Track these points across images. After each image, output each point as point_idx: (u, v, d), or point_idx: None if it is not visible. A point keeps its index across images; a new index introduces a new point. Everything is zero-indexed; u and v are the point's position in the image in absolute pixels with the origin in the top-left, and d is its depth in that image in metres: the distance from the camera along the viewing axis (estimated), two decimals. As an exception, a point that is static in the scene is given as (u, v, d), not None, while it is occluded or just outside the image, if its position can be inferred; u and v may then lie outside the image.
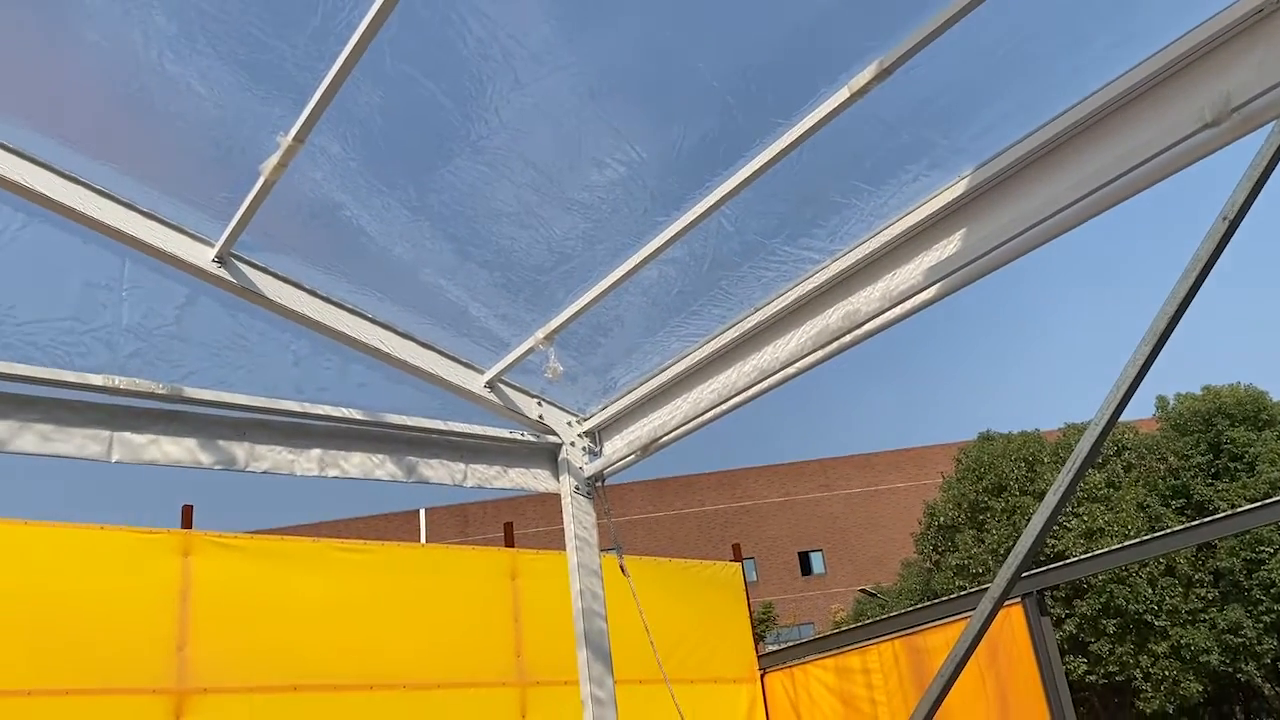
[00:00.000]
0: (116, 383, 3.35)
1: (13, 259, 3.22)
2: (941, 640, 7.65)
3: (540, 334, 3.77)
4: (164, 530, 6.33)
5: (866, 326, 3.31)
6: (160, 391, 3.43)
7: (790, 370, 3.53)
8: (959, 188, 3.03)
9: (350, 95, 2.81)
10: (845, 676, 8.33)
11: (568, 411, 4.34)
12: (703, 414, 3.80)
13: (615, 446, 4.22)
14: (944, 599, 8.15)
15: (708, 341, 3.81)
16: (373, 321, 3.77)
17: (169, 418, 3.54)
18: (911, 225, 3.17)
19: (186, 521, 6.60)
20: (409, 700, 6.67)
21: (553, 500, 4.32)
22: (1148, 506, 26.38)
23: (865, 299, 3.33)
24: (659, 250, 3.36)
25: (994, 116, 2.97)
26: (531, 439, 4.24)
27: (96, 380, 3.34)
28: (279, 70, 2.86)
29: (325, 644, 6.52)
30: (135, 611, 5.98)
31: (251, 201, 3.13)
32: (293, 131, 2.87)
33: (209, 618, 6.18)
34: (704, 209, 3.18)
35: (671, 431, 3.91)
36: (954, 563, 28.90)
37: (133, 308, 3.46)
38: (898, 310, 3.23)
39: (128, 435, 3.43)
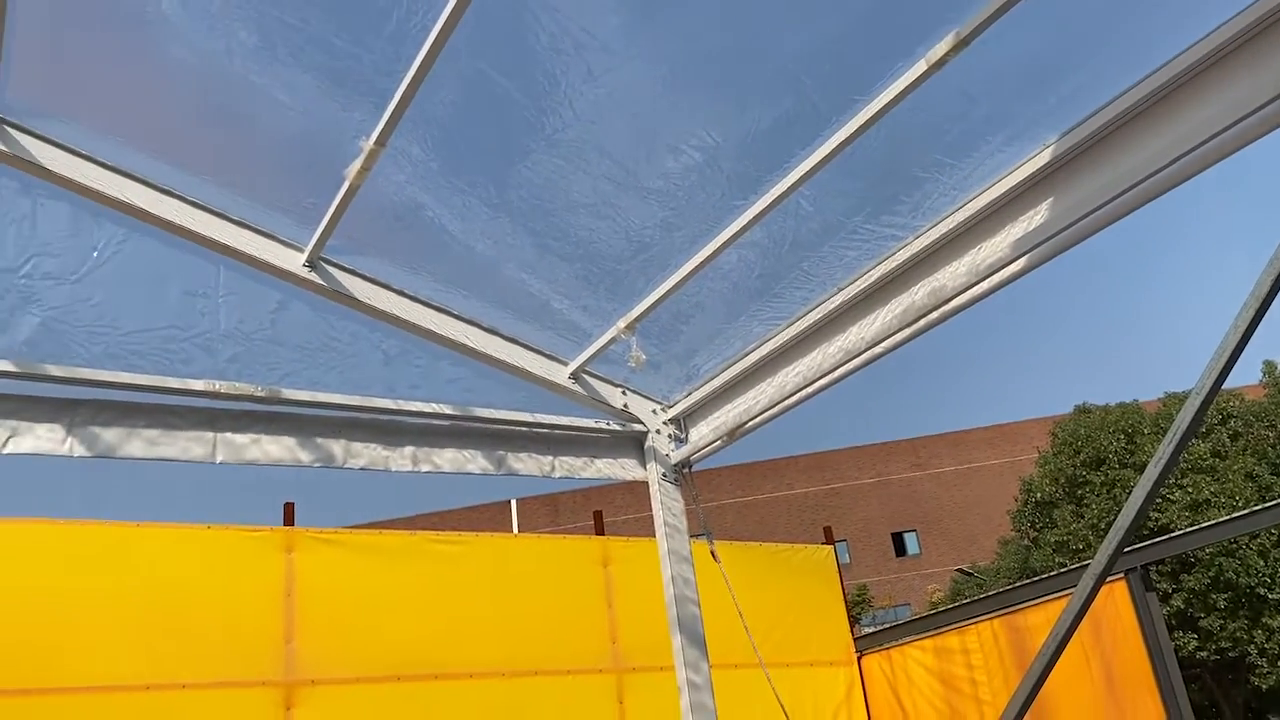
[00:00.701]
0: (217, 387, 3.47)
1: (115, 272, 3.35)
2: (1042, 618, 7.48)
3: (622, 324, 3.79)
4: (268, 528, 6.55)
5: (954, 302, 3.25)
6: (259, 394, 3.54)
7: (876, 350, 3.49)
8: (1044, 156, 2.96)
9: (428, 97, 2.86)
10: (944, 657, 8.21)
11: (652, 399, 4.35)
12: (788, 397, 3.78)
13: (701, 432, 4.23)
14: (1044, 576, 7.97)
15: (791, 324, 3.78)
16: (458, 318, 3.83)
17: (268, 419, 3.65)
18: (996, 197, 3.10)
19: (288, 519, 6.81)
20: (508, 687, 6.79)
21: (641, 487, 4.34)
22: (1257, 476, 25.37)
23: (951, 274, 3.26)
24: (738, 234, 3.34)
25: (1077, 82, 2.89)
26: (617, 428, 4.27)
27: (198, 385, 3.47)
28: (358, 76, 2.93)
29: (425, 634, 6.67)
30: (244, 607, 6.19)
31: (338, 206, 3.21)
32: (374, 135, 2.93)
33: (313, 611, 6.37)
34: (782, 190, 3.16)
35: (757, 416, 3.90)
36: (1053, 539, 28.22)
37: (229, 314, 3.58)
38: (985, 284, 3.17)
39: (230, 436, 3.56)
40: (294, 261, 3.47)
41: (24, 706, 5.41)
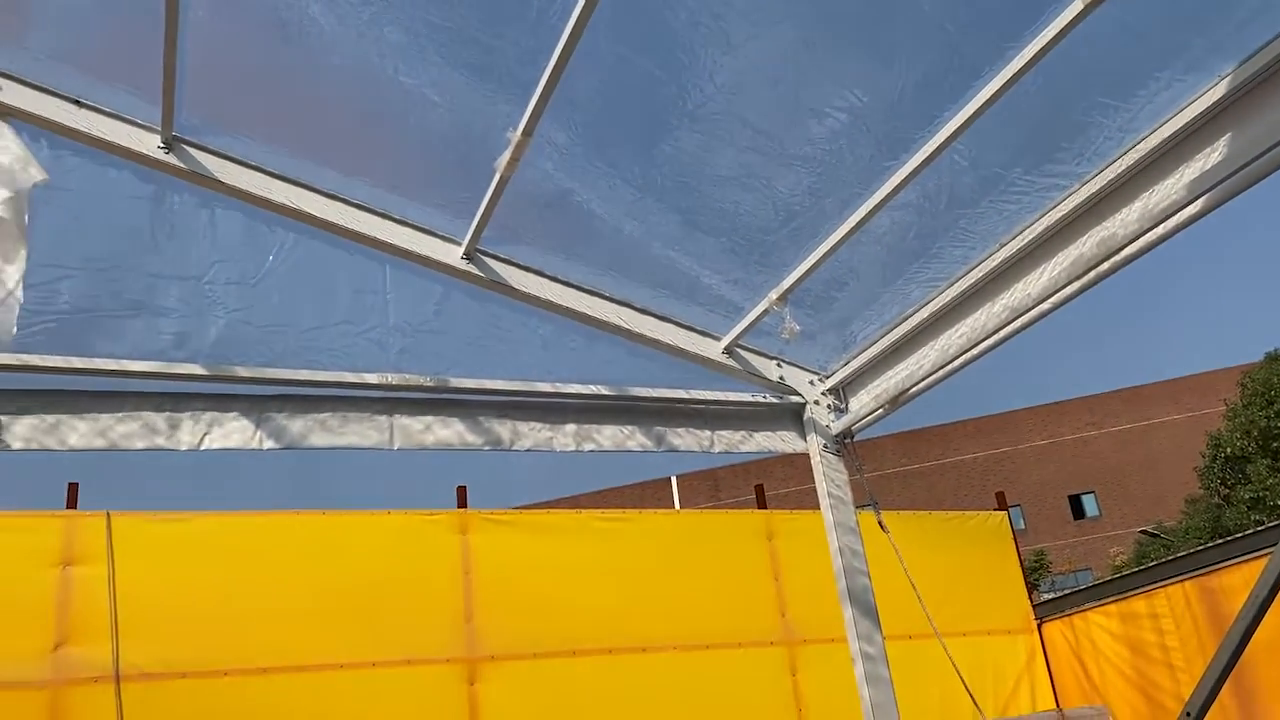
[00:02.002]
0: (389, 379, 3.62)
1: (290, 274, 3.54)
2: (1240, 580, 7.04)
3: (774, 295, 3.76)
4: (443, 511, 6.82)
5: (1126, 251, 3.08)
6: (428, 383, 3.68)
7: (1044, 306, 3.34)
8: (1219, 89, 2.76)
9: (570, 83, 2.89)
10: (1131, 623, 7.84)
11: (809, 370, 4.30)
12: (952, 361, 3.67)
13: (862, 401, 4.15)
14: (1240, 535, 7.50)
15: (951, 285, 3.67)
16: (610, 300, 3.88)
17: (439, 405, 3.79)
18: (1168, 136, 2.91)
19: (461, 501, 7.08)
20: (681, 661, 6.88)
21: (802, 460, 4.30)
22: None
23: (1122, 222, 3.09)
24: (890, 196, 3.26)
25: (1254, 3, 2.67)
26: (774, 400, 4.24)
27: (372, 379, 3.63)
28: (502, 68, 2.99)
29: (597, 610, 6.82)
30: (426, 588, 6.48)
31: (490, 198, 3.29)
32: (520, 126, 2.99)
33: (490, 590, 6.61)
34: (934, 147, 3.06)
35: (920, 382, 3.80)
36: (1247, 496, 26.50)
37: (397, 309, 3.73)
38: (1159, 230, 2.98)
39: (405, 423, 3.71)
40: (452, 255, 3.59)
41: (228, 685, 5.83)
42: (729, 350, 4.08)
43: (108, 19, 3.00)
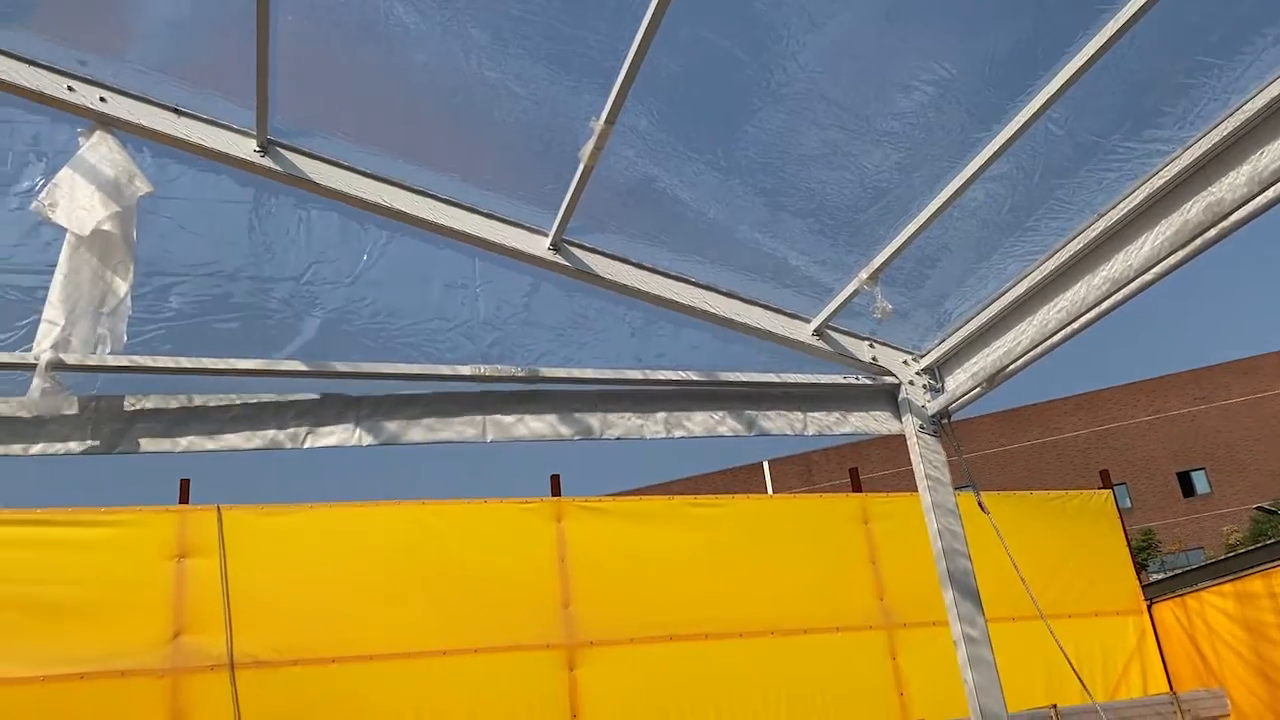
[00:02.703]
0: (482, 371, 3.67)
1: (384, 271, 3.62)
2: (1366, 558, 6.72)
3: (864, 274, 3.70)
4: (538, 499, 6.91)
5: (1234, 216, 2.94)
6: (519, 374, 3.72)
7: (1147, 277, 3.22)
8: (1335, 40, 2.62)
9: (651, 70, 2.88)
10: (1248, 603, 7.54)
11: (902, 350, 4.23)
12: (1051, 336, 3.57)
13: (958, 380, 4.07)
14: (1364, 512, 7.14)
15: (1049, 258, 3.56)
16: (697, 285, 3.87)
17: (530, 397, 3.84)
18: (1277, 95, 2.78)
19: (555, 489, 7.16)
20: (778, 646, 6.85)
21: (897, 442, 4.24)
22: None
23: (1229, 186, 2.96)
24: (982, 169, 3.18)
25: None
26: (867, 382, 4.18)
27: (465, 370, 3.69)
28: (584, 58, 3.00)
29: (693, 595, 6.83)
30: (524, 575, 6.58)
31: (575, 188, 3.31)
32: (603, 114, 2.99)
33: (586, 576, 6.67)
34: (1028, 117, 2.97)
35: (1018, 359, 3.71)
36: (1371, 470, 25.21)
37: (486, 301, 3.78)
38: (1270, 193, 2.85)
39: (498, 417, 3.77)
40: (539, 246, 3.62)
41: (337, 672, 6.00)
42: (819, 332, 4.04)
43: (202, 29, 3.10)
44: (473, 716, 6.15)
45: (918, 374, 4.19)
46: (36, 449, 3.24)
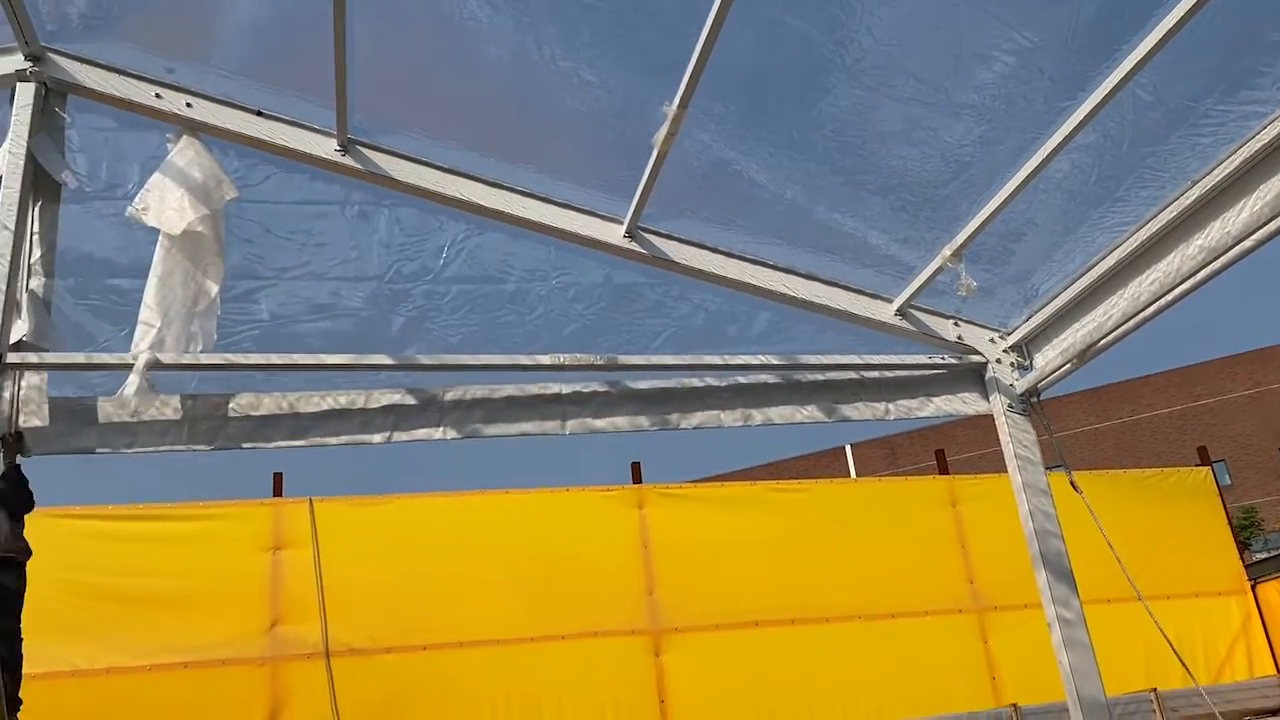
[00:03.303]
0: (562, 360, 3.69)
1: (464, 265, 3.66)
2: None
3: (947, 251, 3.62)
4: (619, 487, 6.95)
5: (1340, 178, 2.81)
6: (599, 363, 3.73)
7: (1246, 244, 3.09)
8: None
9: (723, 52, 2.86)
10: (1361, 583, 7.24)
11: (988, 328, 4.13)
12: (1143, 310, 3.45)
13: (1047, 357, 3.96)
14: None
15: (1140, 228, 3.44)
16: (775, 268, 3.83)
17: (608, 389, 3.84)
18: (1386, 47, 2.64)
19: (636, 477, 7.19)
20: (865, 631, 6.79)
21: (984, 422, 4.14)
22: None
23: (1334, 146, 2.82)
24: (1067, 139, 3.08)
25: None
26: (953, 361, 4.10)
27: (545, 360, 3.71)
28: (655, 43, 2.99)
29: (778, 581, 6.81)
30: (608, 562, 6.63)
31: (649, 174, 3.30)
32: (676, 99, 2.98)
33: (669, 563, 6.69)
34: (1114, 83, 2.87)
35: (1109, 334, 3.59)
36: None
37: (564, 291, 3.80)
38: (1380, 151, 2.71)
39: (577, 409, 3.78)
40: (615, 234, 3.63)
41: (428, 659, 6.12)
42: (902, 312, 3.97)
43: (282, 32, 3.16)
44: (562, 701, 6.22)
45: (1005, 352, 4.10)
46: (136, 447, 3.35)
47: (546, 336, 3.81)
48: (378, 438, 3.59)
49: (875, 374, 4.06)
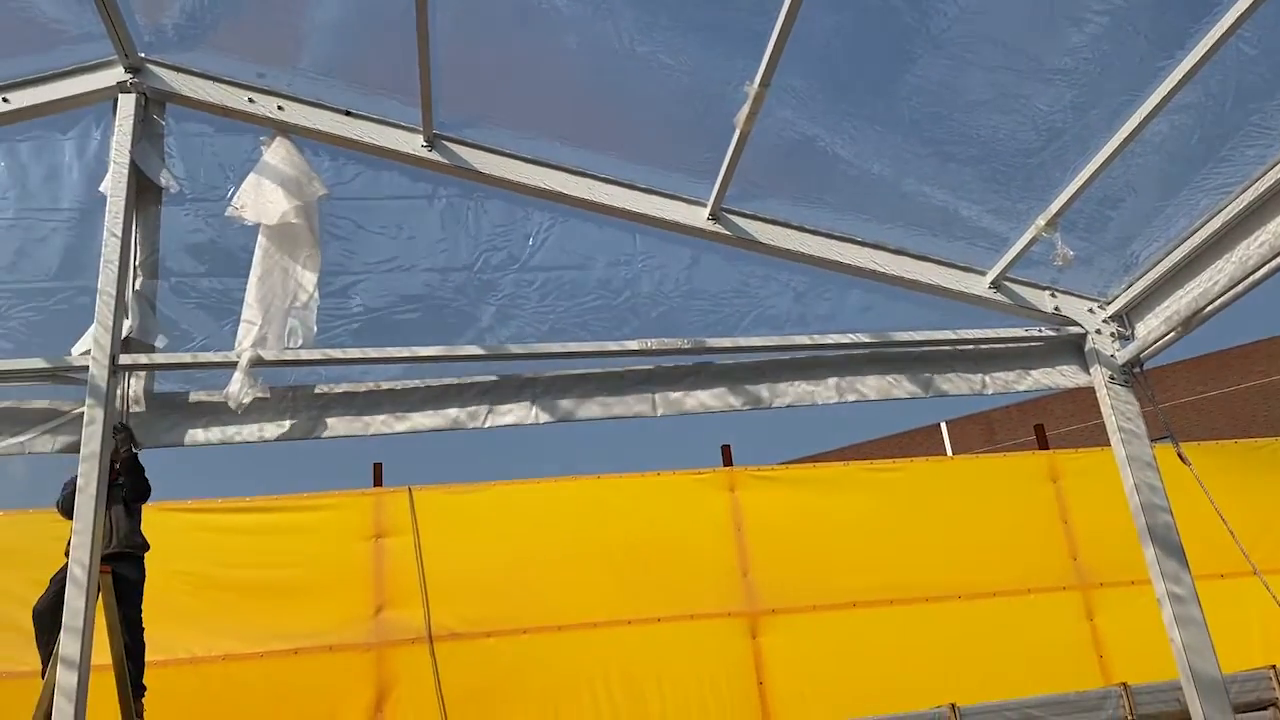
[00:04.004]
0: (649, 345, 3.70)
1: (549, 253, 3.70)
2: None
3: (1041, 221, 3.52)
4: (710, 470, 6.95)
5: None
6: (686, 346, 3.73)
7: (1363, 201, 2.94)
8: None
9: (804, 28, 2.82)
10: None
11: (1087, 298, 4.01)
12: (1252, 273, 3.30)
13: (1150, 326, 3.83)
14: None
15: (1246, 188, 3.30)
16: (863, 244, 3.78)
17: (698, 370, 3.84)
18: None
19: (727, 460, 7.18)
20: (966, 610, 6.68)
21: (1083, 395, 4.03)
22: None
23: None
24: (1166, 99, 2.96)
25: None
26: (1050, 333, 3.99)
27: (633, 345, 3.73)
28: (735, 23, 2.97)
29: (875, 561, 6.73)
30: (701, 544, 6.63)
31: (732, 155, 3.29)
32: (757, 78, 2.95)
33: (763, 544, 6.67)
34: (1215, 39, 2.75)
35: (1216, 299, 3.45)
36: None
37: (649, 276, 3.81)
38: None
39: (666, 391, 3.79)
40: (699, 217, 3.62)
41: (527, 642, 6.22)
42: (996, 284, 3.88)
43: (366, 32, 3.23)
44: (660, 683, 6.26)
45: (1105, 322, 3.97)
46: (240, 437, 3.47)
47: (634, 321, 3.82)
48: (472, 423, 3.65)
49: (970, 348, 3.98)
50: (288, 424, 3.49)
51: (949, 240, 3.81)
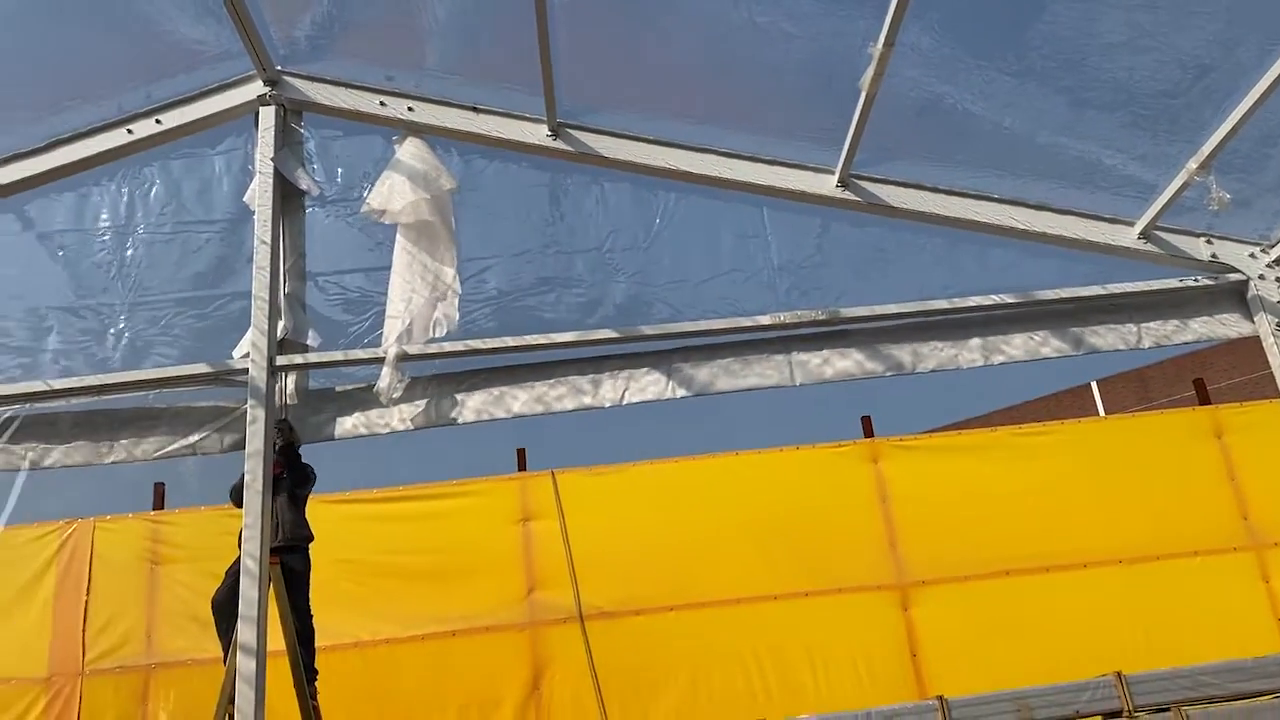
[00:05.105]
0: (782, 319, 3.68)
1: (677, 232, 3.70)
2: None
3: (1192, 165, 3.34)
4: (851, 442, 6.84)
5: None
6: (821, 317, 3.69)
7: None
8: None
9: (927, -19, 2.75)
10: None
11: (1247, 242, 3.78)
12: None
13: (1320, 267, 3.59)
14: None
15: None
16: (1000, 201, 3.66)
17: (834, 338, 3.79)
18: None
19: (867, 431, 7.06)
20: (1128, 575, 6.40)
21: (1246, 345, 3.81)
22: None
23: None
24: (1329, 23, 2.76)
25: None
26: (1208, 282, 3.78)
27: (765, 320, 3.70)
28: (852, -16, 2.90)
29: (1026, 527, 6.51)
30: (845, 517, 6.54)
31: (858, 119, 3.22)
32: (881, 38, 2.89)
33: (910, 515, 6.53)
34: (1383, -48, 2.54)
35: (1395, 233, 3.21)
36: None
37: (779, 248, 3.77)
38: None
39: (803, 359, 3.75)
40: (827, 185, 3.57)
41: (676, 620, 6.26)
42: (1146, 234, 3.69)
43: (487, 26, 3.29)
44: (811, 657, 6.22)
45: (1269, 266, 3.73)
46: (389, 426, 3.61)
47: (765, 295, 3.80)
48: (609, 400, 3.70)
49: (1122, 301, 3.80)
50: (432, 411, 3.61)
51: (1092, 191, 3.65)
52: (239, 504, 3.38)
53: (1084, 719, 3.40)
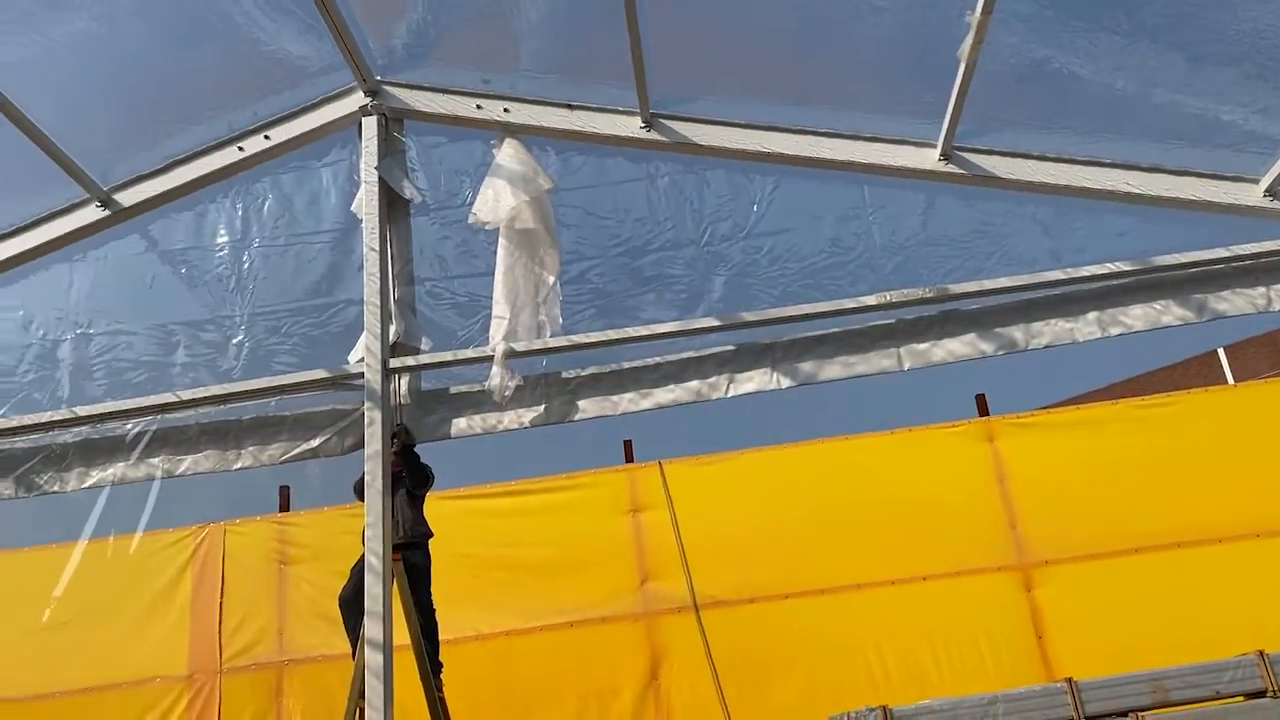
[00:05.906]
0: (888, 298, 3.61)
1: (776, 217, 3.66)
2: None
3: (1322, 114, 3.16)
4: (965, 421, 6.68)
5: None
6: (928, 295, 3.60)
7: None
8: None
9: (1025, -58, 2.66)
10: None
11: (1387, 192, 3.56)
12: None
13: None
14: None
15: None
16: (1112, 165, 3.52)
17: (942, 319, 3.70)
18: None
19: (982, 409, 6.88)
20: (1268, 548, 6.10)
21: (1393, 302, 3.58)
22: None
23: None
24: None
25: None
26: (1345, 237, 3.57)
27: (871, 300, 3.64)
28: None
29: (1155, 503, 6.26)
30: (961, 499, 6.39)
31: (958, 90, 3.14)
32: (979, 6, 2.80)
33: (1029, 494, 6.35)
34: None
35: None
36: None
37: (881, 227, 3.70)
38: None
39: (912, 343, 3.68)
40: (928, 159, 3.49)
41: (792, 607, 6.22)
42: (1272, 191, 3.50)
43: (577, 23, 3.31)
44: (932, 642, 6.11)
45: None
46: (502, 425, 3.68)
47: (870, 276, 3.73)
48: (714, 394, 3.69)
49: (1250, 263, 3.62)
50: (542, 409, 3.65)
51: (1210, 150, 3.48)
52: (362, 497, 3.49)
53: (1224, 699, 3.26)
